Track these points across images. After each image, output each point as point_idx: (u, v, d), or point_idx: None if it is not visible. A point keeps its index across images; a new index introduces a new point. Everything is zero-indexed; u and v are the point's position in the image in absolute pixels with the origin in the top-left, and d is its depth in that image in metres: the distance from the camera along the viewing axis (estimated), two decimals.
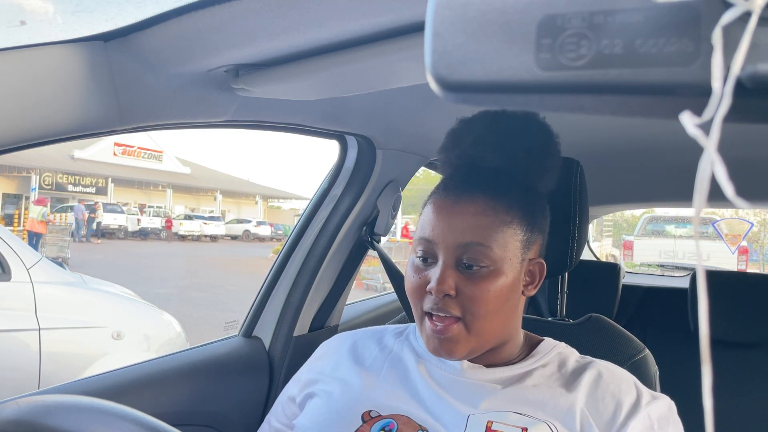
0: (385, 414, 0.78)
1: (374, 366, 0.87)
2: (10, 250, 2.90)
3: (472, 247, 0.75)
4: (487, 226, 0.75)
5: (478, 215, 0.76)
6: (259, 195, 36.62)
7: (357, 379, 0.85)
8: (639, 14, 0.26)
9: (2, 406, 0.54)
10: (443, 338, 0.76)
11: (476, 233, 0.75)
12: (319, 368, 0.92)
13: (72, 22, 0.75)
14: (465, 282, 0.75)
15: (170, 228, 24.52)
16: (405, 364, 0.86)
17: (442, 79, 0.30)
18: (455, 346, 0.76)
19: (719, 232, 12.07)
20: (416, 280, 0.78)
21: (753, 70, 0.24)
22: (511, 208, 0.77)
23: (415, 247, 0.81)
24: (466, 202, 0.77)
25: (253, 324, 1.35)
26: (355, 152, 1.32)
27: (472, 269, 0.75)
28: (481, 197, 0.77)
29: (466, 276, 0.75)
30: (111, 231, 22.20)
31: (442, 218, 0.77)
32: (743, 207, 0.25)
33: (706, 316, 0.24)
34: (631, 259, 11.88)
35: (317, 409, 0.84)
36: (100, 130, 0.77)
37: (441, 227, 0.77)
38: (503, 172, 0.80)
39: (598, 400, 0.77)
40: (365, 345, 0.92)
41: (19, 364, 2.79)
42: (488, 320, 0.76)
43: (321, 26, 0.68)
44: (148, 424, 0.52)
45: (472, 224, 0.75)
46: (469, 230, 0.75)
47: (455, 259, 0.76)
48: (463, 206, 0.76)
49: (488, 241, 0.75)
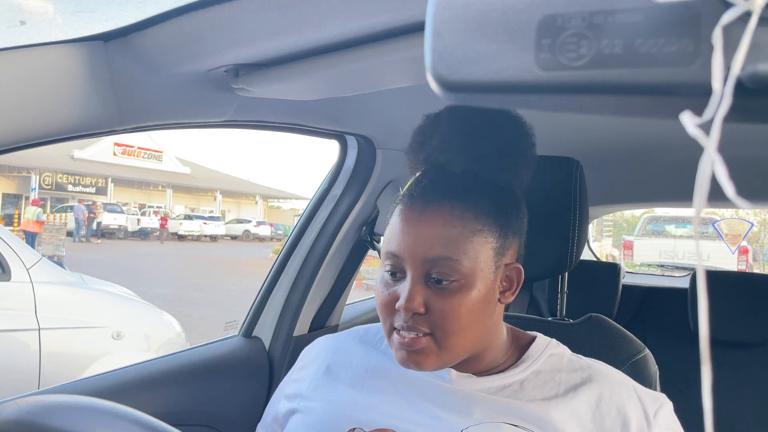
0: (369, 430, 0.75)
1: (356, 378, 0.83)
2: (10, 250, 2.91)
3: (440, 261, 0.70)
4: (456, 238, 0.71)
5: (446, 226, 0.71)
6: (259, 195, 36.63)
7: (339, 395, 0.82)
8: (639, 14, 0.26)
9: (2, 406, 0.54)
10: (411, 350, 0.72)
11: (444, 247, 0.71)
12: (299, 383, 0.89)
13: (72, 22, 0.75)
14: (435, 297, 0.71)
15: (164, 227, 23.85)
16: (389, 374, 0.82)
17: (442, 79, 0.30)
18: (424, 359, 0.72)
19: (719, 232, 12.07)
20: (385, 295, 0.75)
21: (753, 69, 0.24)
22: (480, 215, 0.73)
23: (383, 260, 0.77)
24: (433, 212, 0.72)
25: (253, 324, 1.35)
26: (355, 152, 1.32)
27: (441, 284, 0.71)
28: (448, 205, 0.72)
29: (436, 291, 0.71)
30: (111, 231, 22.20)
31: (408, 231, 0.73)
32: (743, 207, 0.25)
33: (706, 316, 0.24)
34: (631, 259, 11.88)
35: (300, 427, 0.81)
36: (100, 130, 0.77)
37: (408, 241, 0.72)
38: (472, 175, 0.75)
39: (602, 417, 0.75)
40: (347, 352, 0.88)
41: (19, 364, 2.79)
42: (460, 335, 0.72)
43: (321, 26, 0.68)
44: (148, 424, 0.52)
45: (440, 236, 0.71)
46: (437, 244, 0.71)
47: (424, 273, 0.72)
48: (429, 217, 0.72)
49: (457, 255, 0.71)
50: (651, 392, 0.79)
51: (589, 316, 1.09)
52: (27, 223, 13.82)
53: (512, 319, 1.00)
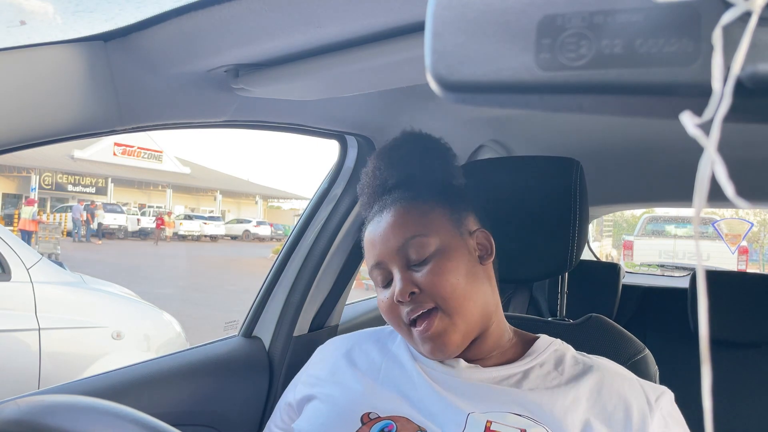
0: (384, 415, 0.78)
1: (371, 370, 0.88)
2: (10, 250, 2.90)
3: (410, 242, 0.80)
4: (412, 222, 0.82)
5: (401, 216, 0.83)
6: (259, 195, 36.63)
7: (355, 383, 0.86)
8: (639, 14, 0.26)
9: (2, 406, 0.54)
10: (433, 335, 0.78)
11: (406, 229, 0.81)
12: (317, 373, 0.92)
13: (72, 22, 0.75)
14: (422, 277, 0.79)
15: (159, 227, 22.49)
16: (402, 366, 0.86)
17: (442, 79, 0.30)
18: (446, 338, 0.78)
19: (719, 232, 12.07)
20: (387, 300, 0.82)
21: (753, 69, 0.24)
22: (426, 200, 0.84)
23: (373, 278, 0.86)
24: (388, 217, 0.84)
25: (253, 324, 1.35)
26: (355, 152, 1.32)
27: (420, 262, 0.80)
28: (397, 207, 0.84)
29: (420, 269, 0.80)
30: (111, 231, 22.19)
31: (376, 242, 0.84)
32: (743, 207, 0.25)
33: (706, 316, 0.24)
34: (631, 259, 11.88)
35: (316, 412, 0.85)
36: (100, 130, 0.77)
37: (379, 247, 0.83)
38: (401, 177, 0.88)
39: (604, 403, 0.77)
40: (361, 349, 0.93)
41: (19, 364, 2.79)
42: (461, 298, 0.79)
43: (321, 26, 0.68)
44: (148, 424, 0.52)
45: (400, 225, 0.82)
46: (399, 231, 0.82)
47: (404, 262, 0.81)
48: (386, 222, 0.83)
49: (419, 230, 0.81)
50: (653, 383, 0.82)
51: (589, 316, 1.09)
52: (24, 223, 14.46)
53: (512, 319, 1.00)
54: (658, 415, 0.76)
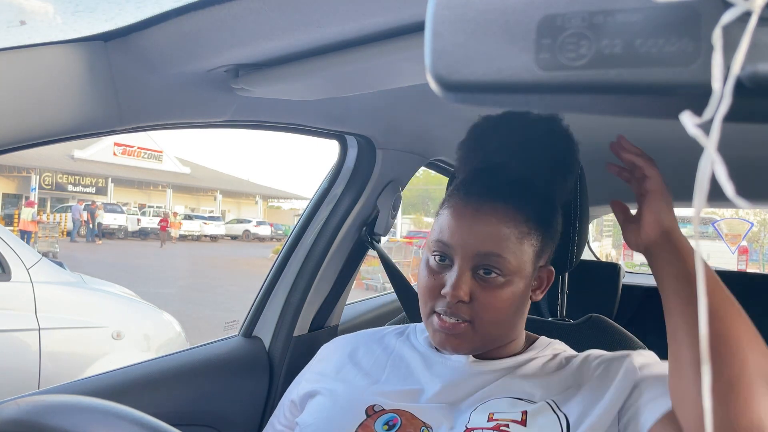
0: (389, 409, 0.79)
1: (376, 368, 0.88)
2: (10, 250, 2.90)
3: (490, 257, 0.76)
4: (506, 237, 0.77)
5: (498, 225, 0.77)
6: (259, 195, 36.62)
7: (360, 380, 0.86)
8: (639, 14, 0.26)
9: (2, 406, 0.54)
10: (450, 334, 0.78)
11: (496, 244, 0.76)
12: (321, 370, 0.92)
13: (72, 22, 0.75)
14: (479, 289, 0.77)
15: (164, 229, 21.37)
16: (407, 363, 0.87)
17: (442, 79, 0.30)
18: (461, 343, 0.79)
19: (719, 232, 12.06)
20: (431, 280, 0.80)
21: (753, 69, 0.24)
22: (529, 219, 0.78)
23: (431, 247, 0.81)
24: (488, 210, 0.77)
25: (253, 324, 1.35)
26: (355, 152, 1.32)
27: (488, 276, 0.77)
28: (502, 206, 0.77)
29: (481, 283, 0.77)
30: (111, 231, 22.17)
31: (462, 224, 0.78)
32: (743, 207, 0.25)
33: (706, 316, 0.24)
34: (631, 259, 11.87)
35: (320, 406, 0.85)
36: (100, 130, 0.77)
37: (461, 233, 0.78)
38: (526, 181, 0.81)
39: (590, 369, 0.80)
40: (366, 348, 0.93)
41: (19, 364, 2.79)
42: (496, 326, 0.79)
43: (321, 26, 0.68)
44: (148, 424, 0.52)
45: (492, 234, 0.76)
46: (489, 240, 0.76)
47: (472, 265, 0.77)
48: (484, 215, 0.77)
49: (506, 253, 0.76)
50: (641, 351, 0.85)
51: (589, 317, 1.09)
52: (24, 223, 14.96)
53: None
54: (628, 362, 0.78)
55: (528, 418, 0.74)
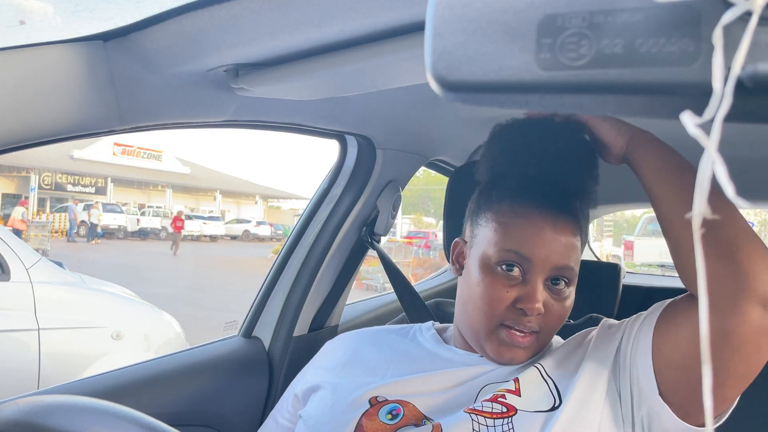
0: (392, 399, 0.80)
1: (382, 364, 0.88)
2: (10, 250, 2.90)
3: (564, 270, 0.78)
4: (575, 248, 0.79)
5: (573, 237, 0.79)
6: (259, 195, 36.63)
7: (363, 376, 0.86)
8: (639, 14, 0.26)
9: (2, 406, 0.54)
10: (519, 348, 0.78)
11: (570, 257, 0.79)
12: (325, 365, 0.93)
13: (71, 21, 0.75)
14: (550, 300, 0.79)
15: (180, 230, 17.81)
16: (413, 358, 0.87)
17: (442, 79, 0.30)
18: (526, 354, 0.80)
19: None
20: (500, 292, 0.78)
21: (753, 69, 0.24)
22: (580, 227, 0.81)
23: (497, 256, 0.79)
24: (564, 223, 0.78)
25: (253, 324, 1.35)
26: (355, 152, 1.32)
27: (556, 286, 0.79)
28: (571, 219, 0.79)
29: (553, 295, 0.79)
30: (110, 231, 22.15)
31: (544, 238, 0.77)
32: (743, 206, 0.25)
33: (706, 316, 0.24)
34: (632, 259, 11.88)
35: (324, 399, 0.85)
36: (100, 130, 0.77)
37: (541, 246, 0.77)
38: (577, 191, 0.81)
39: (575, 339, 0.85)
40: (371, 345, 0.93)
41: (18, 364, 2.79)
42: (554, 333, 0.83)
43: (321, 26, 0.68)
44: (148, 424, 0.52)
45: (570, 247, 0.78)
46: (566, 254, 0.78)
47: (548, 277, 0.78)
48: (561, 228, 0.78)
49: (576, 265, 0.80)
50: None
51: (589, 317, 1.09)
52: (13, 222, 15.19)
53: None
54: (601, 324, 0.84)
55: (521, 387, 0.76)
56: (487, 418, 0.73)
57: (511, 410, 0.74)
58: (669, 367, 0.70)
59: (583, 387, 0.76)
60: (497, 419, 0.73)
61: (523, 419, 0.73)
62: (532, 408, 0.74)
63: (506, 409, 0.74)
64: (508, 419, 0.73)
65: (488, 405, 0.75)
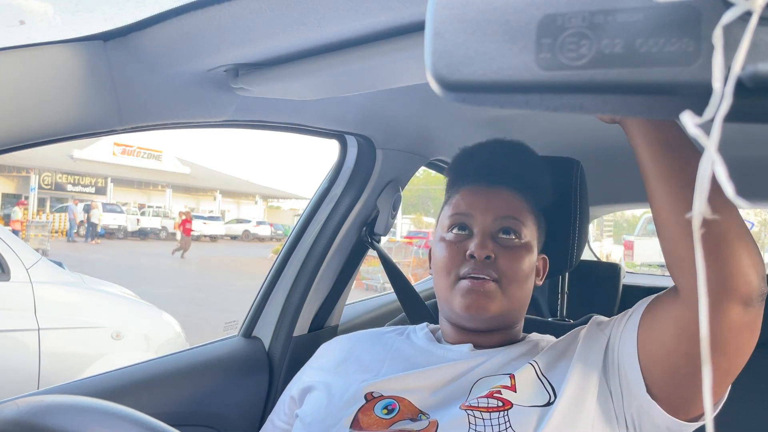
0: (387, 395, 0.81)
1: (376, 362, 0.89)
2: (10, 250, 2.90)
3: (508, 219, 0.86)
4: (519, 208, 0.87)
5: (510, 199, 0.88)
6: (259, 195, 36.62)
7: (359, 374, 0.88)
8: (639, 14, 0.26)
9: (2, 406, 0.54)
10: (480, 292, 0.82)
11: (513, 210, 0.87)
12: (321, 366, 0.94)
13: (71, 21, 0.75)
14: (501, 250, 0.84)
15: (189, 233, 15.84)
16: (407, 356, 0.89)
17: (442, 79, 0.30)
18: (490, 302, 0.82)
19: None
20: (452, 250, 0.86)
21: (753, 69, 0.24)
22: (529, 204, 0.89)
23: (446, 224, 0.89)
24: (500, 187, 0.88)
25: (253, 324, 1.35)
26: (355, 152, 1.32)
27: (508, 236, 0.85)
28: (509, 190, 0.88)
29: (502, 245, 0.85)
30: (110, 231, 22.14)
31: (479, 197, 0.88)
32: (744, 206, 0.25)
33: (706, 316, 0.24)
34: (632, 259, 11.88)
35: (319, 397, 0.86)
36: (100, 130, 0.77)
37: (479, 203, 0.87)
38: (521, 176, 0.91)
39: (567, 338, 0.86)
40: (366, 345, 0.94)
41: (18, 364, 2.79)
42: (519, 286, 0.85)
43: (321, 26, 0.68)
44: (148, 424, 0.52)
45: (509, 203, 0.87)
46: (505, 206, 0.87)
47: (493, 229, 0.85)
48: (498, 190, 0.88)
49: (522, 218, 0.87)
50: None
51: (589, 317, 1.08)
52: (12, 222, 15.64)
53: None
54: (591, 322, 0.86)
55: (516, 383, 0.78)
56: (483, 413, 0.74)
57: (506, 404, 0.75)
58: (655, 363, 0.71)
59: (576, 384, 0.76)
60: (493, 413, 0.74)
61: (519, 413, 0.74)
62: (527, 402, 0.75)
63: (502, 404, 0.75)
64: (504, 413, 0.74)
65: (484, 401, 0.75)
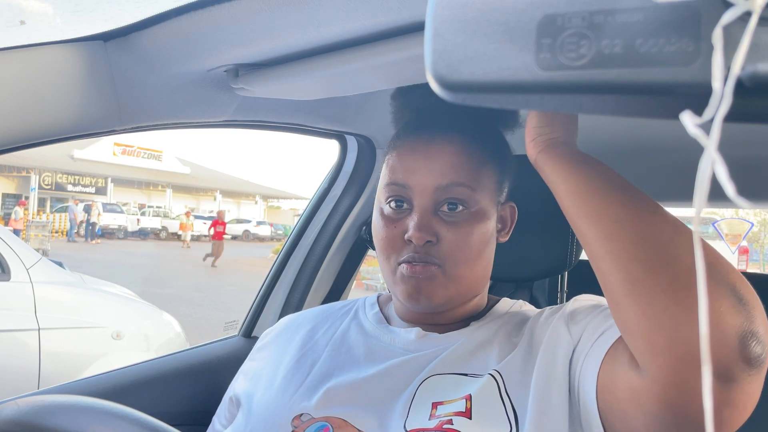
0: (318, 417, 0.69)
1: (310, 356, 0.78)
2: (10, 250, 2.90)
3: (452, 188, 0.70)
4: (466, 166, 0.71)
5: (456, 154, 0.71)
6: (259, 195, 36.63)
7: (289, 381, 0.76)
8: (639, 14, 0.26)
9: (2, 406, 0.54)
10: (422, 279, 0.70)
11: (457, 173, 0.70)
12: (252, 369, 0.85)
13: (71, 21, 0.75)
14: (445, 228, 0.70)
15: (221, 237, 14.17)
16: (349, 347, 0.78)
17: (443, 79, 0.30)
18: (434, 290, 0.71)
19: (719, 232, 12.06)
20: (390, 230, 0.72)
21: (753, 69, 0.24)
22: (485, 148, 0.73)
23: (384, 194, 0.74)
24: (442, 140, 0.72)
25: (253, 324, 1.35)
26: (355, 152, 1.32)
27: (454, 211, 0.71)
28: (457, 135, 0.72)
29: (447, 221, 0.71)
30: (110, 231, 22.14)
31: (416, 159, 0.71)
32: (744, 206, 0.25)
33: (706, 316, 0.24)
34: None
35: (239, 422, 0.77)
36: (100, 130, 0.77)
37: (416, 169, 0.71)
38: (472, 113, 0.74)
39: (540, 325, 0.71)
40: (307, 329, 0.85)
41: (18, 364, 2.79)
42: (468, 267, 0.72)
43: (321, 26, 0.68)
44: (148, 424, 0.52)
45: (452, 163, 0.71)
46: (448, 170, 0.70)
47: (434, 203, 0.71)
48: (439, 145, 0.71)
49: (469, 181, 0.71)
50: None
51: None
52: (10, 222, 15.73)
53: None
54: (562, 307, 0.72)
55: (473, 406, 0.64)
56: None
57: None
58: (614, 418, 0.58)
59: (539, 408, 0.62)
60: None
61: None
62: None
63: None
64: None
65: None
